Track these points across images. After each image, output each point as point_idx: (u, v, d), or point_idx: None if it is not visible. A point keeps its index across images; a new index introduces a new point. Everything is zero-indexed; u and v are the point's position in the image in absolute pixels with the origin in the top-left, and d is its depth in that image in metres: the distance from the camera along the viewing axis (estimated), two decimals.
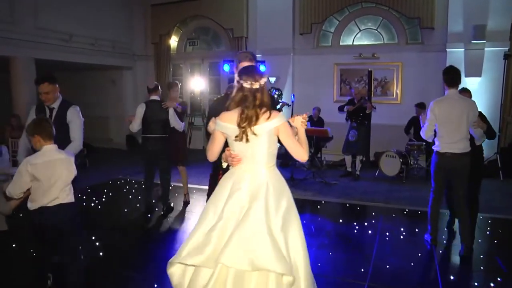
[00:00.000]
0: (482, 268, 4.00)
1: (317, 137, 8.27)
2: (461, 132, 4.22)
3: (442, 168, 4.36)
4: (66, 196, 3.13)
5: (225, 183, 2.56)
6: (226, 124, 2.52)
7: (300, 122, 2.61)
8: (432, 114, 4.31)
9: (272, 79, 10.38)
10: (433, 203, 4.52)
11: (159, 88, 5.97)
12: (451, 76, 4.33)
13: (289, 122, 2.62)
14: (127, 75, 13.02)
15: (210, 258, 2.33)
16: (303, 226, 2.58)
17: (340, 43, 10.71)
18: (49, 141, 3.10)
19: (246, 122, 2.44)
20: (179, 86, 6.51)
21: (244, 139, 2.46)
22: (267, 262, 2.22)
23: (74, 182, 3.30)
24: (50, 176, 3.02)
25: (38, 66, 9.60)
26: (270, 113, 2.49)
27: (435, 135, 4.43)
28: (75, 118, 4.02)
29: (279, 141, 2.58)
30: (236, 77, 2.57)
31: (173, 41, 12.82)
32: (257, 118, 2.45)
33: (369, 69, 9.27)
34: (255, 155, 2.51)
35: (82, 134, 4.05)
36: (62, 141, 3.68)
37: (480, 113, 4.40)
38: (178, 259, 2.41)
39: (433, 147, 4.46)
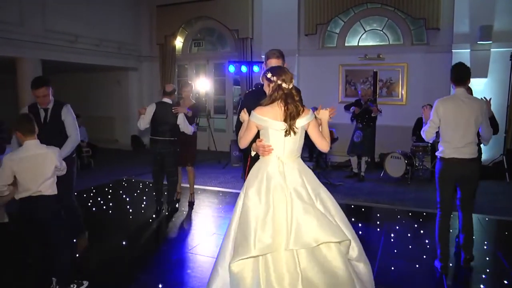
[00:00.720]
0: (487, 270, 3.98)
1: None
2: (469, 136, 3.82)
3: (448, 176, 3.92)
4: (48, 188, 3.33)
5: (261, 172, 2.76)
6: (266, 118, 2.74)
7: (327, 115, 2.96)
8: (436, 114, 3.90)
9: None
10: (441, 222, 3.99)
11: (175, 92, 6.01)
12: (459, 74, 3.91)
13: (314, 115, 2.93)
14: (132, 76, 13.08)
15: (272, 244, 2.50)
16: None
17: (345, 44, 10.70)
18: (30, 137, 3.30)
19: (292, 117, 2.72)
20: (191, 86, 6.51)
21: (292, 133, 2.73)
22: (327, 235, 2.52)
23: (68, 178, 3.73)
24: (30, 169, 3.24)
25: (44, 67, 9.66)
26: (303, 110, 2.80)
27: (437, 137, 4.08)
28: (68, 116, 4.27)
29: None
30: (271, 76, 2.78)
31: (178, 42, 12.85)
32: (299, 114, 2.75)
33: (374, 70, 9.25)
34: (291, 146, 2.80)
35: (77, 129, 4.33)
36: (59, 137, 4.11)
37: None
38: (246, 254, 2.48)
39: (436, 153, 4.06)
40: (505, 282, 3.67)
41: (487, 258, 4.25)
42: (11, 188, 3.35)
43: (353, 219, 5.62)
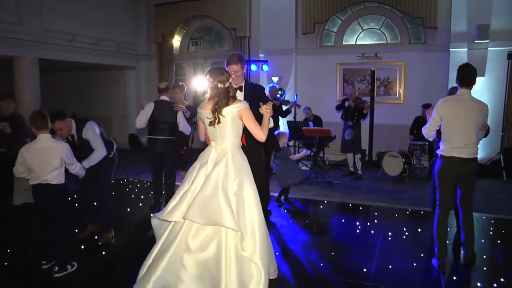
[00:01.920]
0: (485, 268, 4.00)
1: (319, 137, 8.27)
2: (470, 136, 3.85)
3: (448, 175, 3.96)
4: (55, 178, 3.75)
5: (199, 158, 3.24)
6: (201, 110, 3.27)
7: (264, 110, 3.18)
8: (437, 113, 3.94)
9: (275, 79, 10.38)
10: (440, 220, 4.02)
11: (169, 89, 5.94)
12: (465, 75, 3.96)
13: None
14: (130, 75, 13.06)
15: (182, 214, 3.00)
16: (306, 225, 2.64)
17: (343, 43, 10.70)
18: (42, 131, 3.75)
19: (217, 106, 3.11)
20: (184, 87, 6.44)
21: (216, 122, 3.09)
22: (219, 218, 2.86)
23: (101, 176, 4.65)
24: (40, 160, 3.68)
25: (42, 66, 9.64)
26: (235, 101, 3.18)
27: (437, 136, 4.17)
28: (89, 134, 4.50)
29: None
30: (208, 78, 3.23)
31: (176, 41, 12.83)
32: (227, 104, 3.11)
33: (372, 69, 9.26)
34: (222, 133, 3.15)
35: (100, 142, 4.54)
36: (88, 154, 4.46)
37: None
38: (162, 216, 3.12)
39: (437, 151, 4.11)
40: (502, 280, 3.68)
41: (484, 256, 4.27)
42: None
43: (351, 218, 5.64)
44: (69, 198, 4.15)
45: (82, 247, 4.46)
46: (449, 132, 3.91)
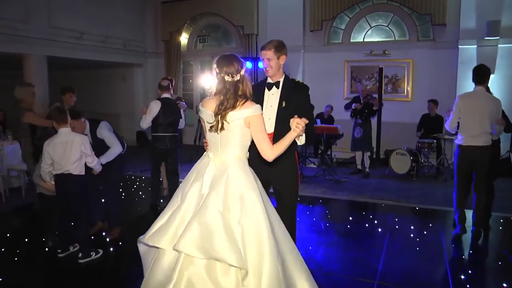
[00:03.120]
0: (493, 267, 3.97)
1: (327, 134, 8.24)
2: (483, 127, 4.48)
3: (464, 161, 4.62)
4: (75, 169, 4.00)
5: (194, 169, 2.59)
6: (203, 109, 2.59)
7: (295, 125, 2.45)
8: (457, 108, 4.57)
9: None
10: (459, 192, 4.75)
11: (171, 86, 5.96)
12: (479, 75, 4.53)
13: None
14: (137, 72, 13.10)
15: (171, 240, 2.34)
16: (313, 224, 2.57)
17: (351, 40, 10.65)
18: (63, 125, 3.98)
19: (220, 109, 2.44)
20: (173, 81, 6.46)
21: (219, 127, 2.44)
22: (221, 252, 2.20)
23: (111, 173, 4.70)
24: (61, 152, 3.93)
25: (50, 63, 9.70)
26: (245, 103, 2.45)
27: (457, 128, 4.71)
28: (104, 133, 4.65)
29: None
30: (215, 68, 2.57)
31: (184, 38, 12.84)
32: (233, 107, 2.43)
33: (380, 66, 9.20)
34: (224, 142, 2.49)
35: (115, 139, 4.71)
36: (102, 153, 4.50)
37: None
38: (143, 239, 2.47)
39: (456, 141, 4.78)
40: (510, 278, 3.65)
41: (493, 256, 4.24)
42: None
43: (358, 215, 5.62)
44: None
45: (107, 239, 4.53)
46: (466, 124, 4.55)
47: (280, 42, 3.20)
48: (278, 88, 3.20)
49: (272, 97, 3.15)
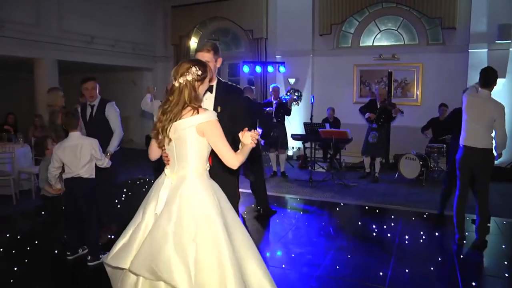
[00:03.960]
0: (505, 274, 3.91)
1: (336, 139, 8.23)
2: (486, 129, 4.47)
3: (466, 162, 4.60)
4: (85, 172, 4.03)
5: (153, 185, 2.51)
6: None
7: (249, 139, 2.29)
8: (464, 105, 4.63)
9: (292, 80, 10.36)
10: (459, 202, 4.72)
11: None
12: (485, 78, 4.52)
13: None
14: (147, 76, 13.18)
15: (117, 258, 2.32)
16: (322, 228, 2.52)
17: (360, 44, 10.63)
18: (74, 129, 4.01)
19: (163, 120, 2.31)
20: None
21: (166, 140, 2.32)
22: (166, 274, 2.10)
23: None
24: (72, 156, 3.95)
25: (61, 67, 9.80)
26: (195, 111, 2.27)
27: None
28: (111, 112, 4.77)
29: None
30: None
31: (193, 42, 12.90)
32: (173, 118, 2.27)
33: (389, 70, 9.17)
34: (180, 156, 2.34)
35: (120, 124, 4.85)
36: (104, 131, 4.64)
37: None
38: (106, 259, 2.38)
39: (460, 142, 4.71)
40: None
41: (505, 262, 4.18)
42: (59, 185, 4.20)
43: (367, 220, 5.58)
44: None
45: (100, 243, 4.51)
46: (469, 125, 4.55)
47: (216, 44, 3.09)
48: (212, 92, 2.93)
49: (206, 102, 2.84)
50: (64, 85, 10.39)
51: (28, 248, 4.48)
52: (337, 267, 4.01)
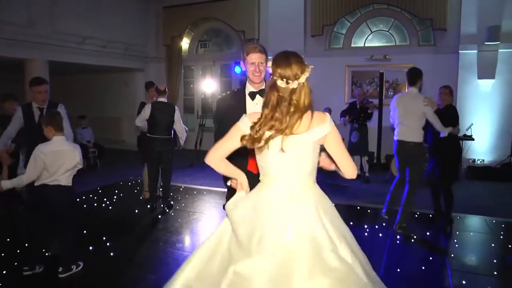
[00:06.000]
0: (495, 273, 3.95)
1: None
2: (416, 124, 4.95)
3: (401, 154, 5.10)
4: (65, 179, 3.77)
5: (250, 204, 2.07)
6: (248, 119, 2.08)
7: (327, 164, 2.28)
8: (393, 105, 5.18)
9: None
10: (396, 184, 5.40)
11: (167, 90, 6.22)
12: (410, 77, 5.07)
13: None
14: (139, 77, 13.13)
15: None
16: None
17: (352, 45, 10.67)
18: (59, 133, 3.76)
19: (280, 129, 1.98)
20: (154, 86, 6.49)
21: (280, 152, 2.00)
22: None
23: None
24: (55, 162, 3.68)
25: (52, 68, 9.73)
26: (313, 117, 2.03)
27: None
28: (64, 115, 4.39)
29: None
30: (271, 66, 2.10)
31: (185, 43, 12.89)
32: (292, 126, 1.99)
33: (381, 71, 9.20)
34: (294, 170, 2.06)
35: (70, 127, 4.51)
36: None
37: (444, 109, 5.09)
38: None
39: (394, 136, 5.18)
40: None
41: (495, 261, 4.23)
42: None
43: (359, 221, 5.61)
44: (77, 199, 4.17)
45: (91, 248, 4.49)
46: (400, 121, 5.04)
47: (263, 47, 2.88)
48: (262, 96, 2.52)
49: (257, 107, 2.57)
50: (55, 86, 10.36)
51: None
52: None
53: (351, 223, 5.49)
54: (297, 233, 1.92)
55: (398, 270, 3.97)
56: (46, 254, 4.06)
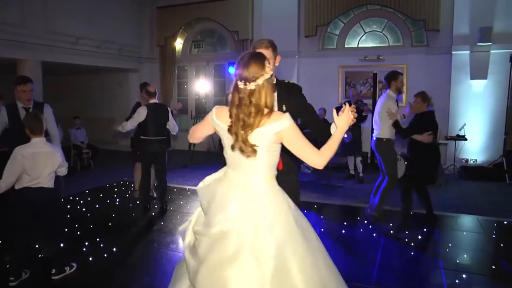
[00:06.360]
0: (487, 272, 3.98)
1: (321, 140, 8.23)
2: (376, 121, 5.72)
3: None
4: (48, 182, 3.68)
5: (212, 190, 2.27)
6: (218, 122, 2.22)
7: (349, 116, 2.28)
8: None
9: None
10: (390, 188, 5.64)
11: (157, 92, 6.24)
12: (385, 80, 5.62)
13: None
14: (133, 77, 13.08)
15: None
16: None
17: (345, 46, 10.71)
18: (38, 135, 3.65)
19: (240, 128, 2.09)
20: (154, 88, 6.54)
21: (249, 149, 2.09)
22: None
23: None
24: (36, 165, 3.59)
25: (45, 68, 9.67)
26: (270, 116, 2.09)
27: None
28: (50, 114, 4.51)
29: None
30: (234, 69, 2.19)
31: (179, 44, 12.87)
32: (250, 126, 2.07)
33: (374, 72, 9.26)
34: (250, 165, 2.15)
35: (57, 128, 4.60)
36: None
37: None
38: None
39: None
40: (505, 284, 3.67)
41: (487, 260, 4.26)
42: None
43: (353, 220, 5.63)
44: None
45: (84, 249, 4.47)
46: (375, 119, 5.63)
47: (273, 41, 2.88)
48: (274, 92, 2.69)
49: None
50: (48, 87, 10.31)
51: None
52: None
53: (345, 223, 5.53)
54: (236, 214, 2.08)
55: (392, 269, 3.99)
56: (29, 257, 3.93)
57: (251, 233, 2.03)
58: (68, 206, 6.20)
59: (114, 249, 4.50)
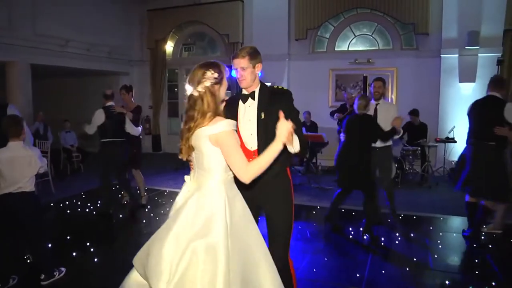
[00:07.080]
0: (477, 272, 4.02)
1: (312, 143, 8.27)
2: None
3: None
4: (28, 186, 3.62)
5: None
6: None
7: (285, 129, 2.12)
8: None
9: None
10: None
11: (114, 95, 6.27)
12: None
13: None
14: (123, 81, 12.95)
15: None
16: (299, 232, 2.53)
17: (336, 49, 10.76)
18: (15, 138, 3.57)
19: (186, 129, 2.24)
20: (131, 89, 6.77)
21: (185, 148, 2.27)
22: (152, 279, 2.13)
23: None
24: (17, 169, 3.54)
25: (34, 71, 9.59)
26: (211, 120, 2.20)
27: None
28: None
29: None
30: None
31: (169, 47, 12.84)
32: (197, 126, 2.20)
33: (364, 75, 9.32)
34: (198, 164, 2.29)
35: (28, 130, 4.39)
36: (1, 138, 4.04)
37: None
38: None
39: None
40: (493, 284, 3.71)
41: (476, 261, 4.29)
42: None
43: (343, 223, 5.64)
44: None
45: (74, 254, 4.43)
46: None
47: (254, 49, 2.76)
48: (254, 99, 2.76)
49: (249, 109, 2.74)
50: (38, 89, 10.23)
51: None
52: (314, 269, 4.05)
53: (337, 225, 5.53)
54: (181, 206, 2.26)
55: (383, 271, 4.00)
56: (14, 263, 3.87)
57: (190, 219, 2.17)
58: (58, 210, 6.15)
59: (104, 253, 4.47)
